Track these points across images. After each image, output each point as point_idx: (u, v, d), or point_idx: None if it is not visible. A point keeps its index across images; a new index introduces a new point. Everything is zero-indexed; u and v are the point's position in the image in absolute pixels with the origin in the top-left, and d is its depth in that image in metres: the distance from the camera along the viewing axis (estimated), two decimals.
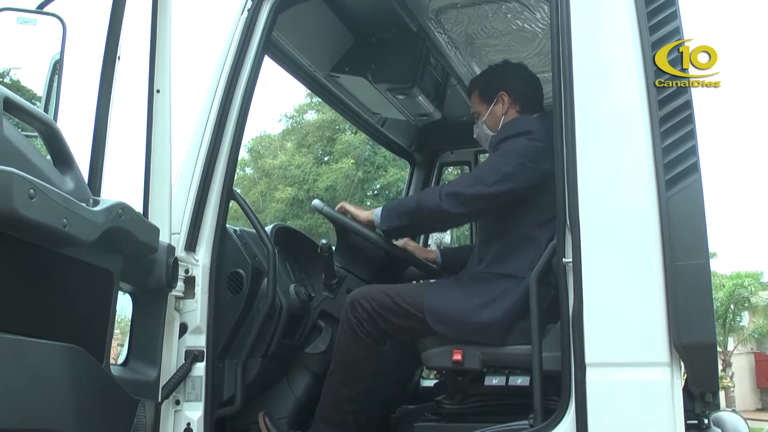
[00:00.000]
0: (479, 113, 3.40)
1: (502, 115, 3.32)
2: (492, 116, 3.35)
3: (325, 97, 4.23)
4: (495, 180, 2.98)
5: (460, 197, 3.01)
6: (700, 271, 2.38)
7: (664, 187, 2.41)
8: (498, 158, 3.08)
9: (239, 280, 2.99)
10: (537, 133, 3.04)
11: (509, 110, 3.32)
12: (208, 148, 2.83)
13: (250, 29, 2.90)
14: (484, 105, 3.38)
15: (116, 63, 2.47)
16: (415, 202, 3.19)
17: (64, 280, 2.04)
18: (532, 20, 3.67)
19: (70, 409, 2.01)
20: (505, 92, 3.32)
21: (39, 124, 1.99)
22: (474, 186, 3.02)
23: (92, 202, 2.08)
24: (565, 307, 2.51)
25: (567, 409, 2.44)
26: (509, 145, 3.07)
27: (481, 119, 3.38)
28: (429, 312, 2.95)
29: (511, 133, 3.11)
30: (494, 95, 3.33)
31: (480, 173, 3.09)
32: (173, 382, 2.65)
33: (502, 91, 3.32)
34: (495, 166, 3.05)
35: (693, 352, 2.37)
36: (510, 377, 2.89)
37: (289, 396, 3.34)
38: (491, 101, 3.35)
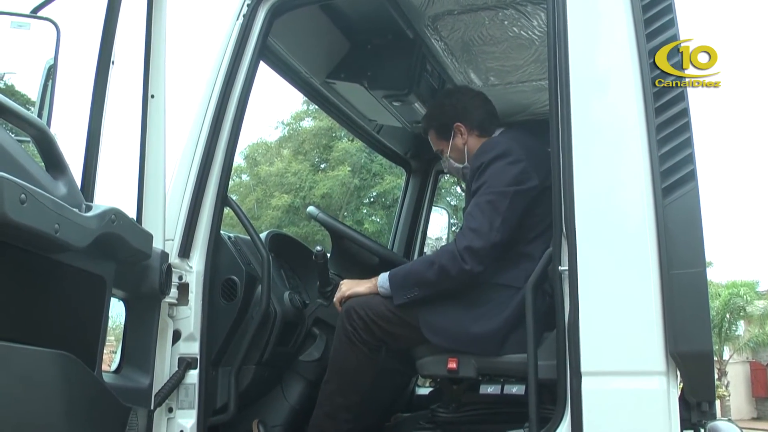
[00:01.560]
0: (442, 150, 3.41)
1: (464, 145, 3.32)
2: (455, 150, 3.35)
3: (321, 103, 4.22)
4: (500, 222, 2.91)
5: (480, 253, 2.89)
6: (696, 279, 2.37)
7: (661, 195, 2.40)
8: (489, 197, 2.97)
9: (233, 287, 2.97)
10: (514, 154, 3.00)
11: (469, 139, 3.31)
12: (203, 154, 2.82)
13: (245, 34, 2.89)
14: (444, 141, 3.38)
15: (110, 67, 2.45)
16: (435, 271, 2.95)
17: (55, 285, 2.02)
18: (529, 27, 3.66)
19: (60, 417, 2.00)
20: (460, 123, 3.31)
21: (31, 129, 1.97)
22: (485, 236, 2.90)
23: (85, 208, 2.07)
24: (560, 316, 2.49)
25: (562, 418, 2.42)
26: (491, 177, 2.99)
27: (446, 155, 3.39)
28: (424, 324, 2.93)
29: (486, 159, 3.04)
30: (450, 129, 3.33)
31: (483, 220, 2.94)
32: (166, 389, 2.63)
33: (456, 123, 3.32)
34: (495, 208, 2.94)
35: (689, 361, 2.35)
36: (505, 386, 2.88)
37: (284, 404, 3.33)
38: (449, 136, 3.35)
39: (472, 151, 3.25)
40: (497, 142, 3.15)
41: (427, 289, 2.98)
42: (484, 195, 2.98)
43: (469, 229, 2.93)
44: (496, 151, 3.05)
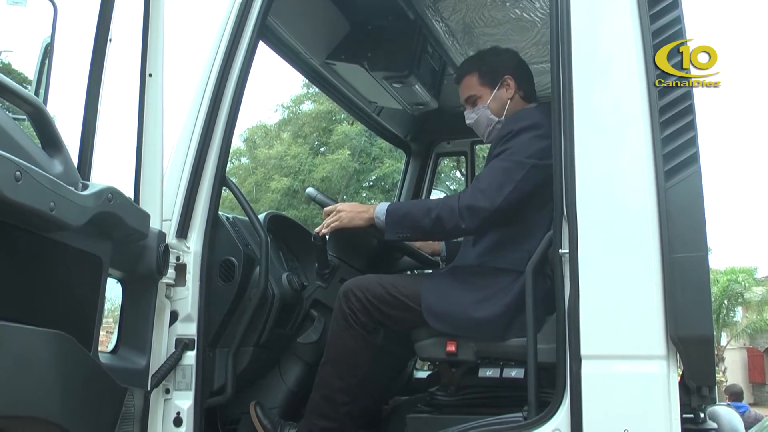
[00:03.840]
0: (479, 97, 3.23)
1: (507, 101, 3.20)
2: (497, 100, 3.20)
3: (320, 85, 4.18)
4: (509, 190, 2.88)
5: (480, 214, 2.89)
6: (698, 263, 2.36)
7: (663, 178, 2.38)
8: (506, 164, 2.94)
9: (231, 268, 2.95)
10: (544, 127, 2.90)
11: (515, 96, 3.21)
12: (201, 134, 2.79)
13: (244, 13, 2.85)
14: (487, 88, 3.22)
15: (107, 46, 2.42)
16: (431, 219, 2.95)
17: (51, 264, 2.00)
18: (530, 9, 3.64)
19: (55, 397, 1.98)
20: (511, 76, 3.21)
21: (26, 106, 1.94)
22: (491, 198, 2.88)
23: (81, 186, 2.05)
24: (560, 299, 2.48)
25: (562, 401, 2.42)
26: (515, 146, 2.96)
27: (484, 104, 3.22)
28: (427, 310, 2.91)
29: (518, 127, 2.99)
30: (499, 78, 3.20)
31: (493, 182, 2.92)
32: (163, 370, 2.62)
33: (507, 75, 3.21)
34: (507, 175, 2.91)
35: (690, 346, 2.35)
36: (504, 369, 2.86)
37: (281, 386, 3.32)
38: (495, 84, 3.20)
39: (512, 110, 3.18)
40: (532, 113, 3.09)
41: (419, 235, 3.04)
42: (503, 161, 2.96)
43: (476, 188, 2.92)
44: (527, 121, 3.01)
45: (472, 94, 3.26)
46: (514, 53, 3.39)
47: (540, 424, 2.45)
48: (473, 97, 3.26)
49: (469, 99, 3.28)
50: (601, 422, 2.35)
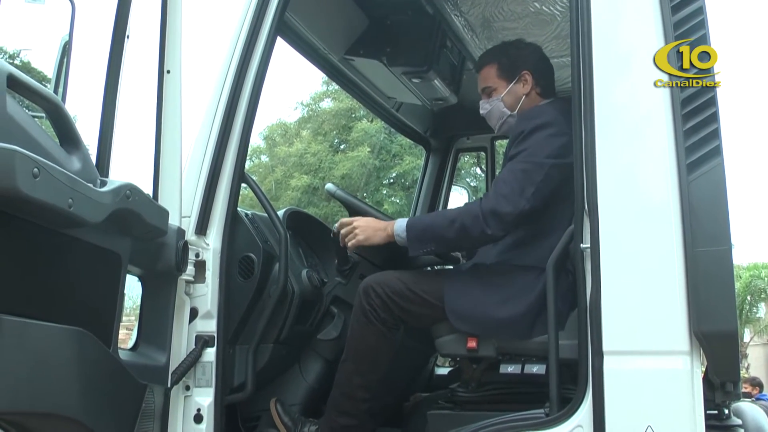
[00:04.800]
0: (495, 89, 3.23)
1: (522, 96, 3.19)
2: (512, 94, 3.20)
3: (339, 80, 4.18)
4: (532, 192, 2.85)
5: (505, 219, 2.85)
6: (721, 257, 2.32)
7: (686, 171, 2.35)
8: (525, 166, 2.91)
9: (250, 264, 2.94)
10: (557, 125, 2.92)
11: (531, 92, 3.19)
12: (220, 130, 2.78)
13: (262, 9, 2.84)
14: (503, 81, 3.22)
15: (125, 42, 2.43)
16: (456, 229, 2.91)
17: (69, 261, 2.00)
18: (550, 2, 3.61)
19: (75, 393, 1.99)
20: (529, 72, 3.20)
21: (44, 102, 1.95)
22: (515, 203, 2.85)
23: (99, 183, 2.05)
24: (582, 294, 2.46)
25: (584, 398, 2.39)
26: (531, 146, 2.93)
27: (498, 96, 3.22)
28: (450, 311, 2.89)
29: (531, 126, 2.97)
30: (517, 73, 3.19)
31: (515, 186, 2.88)
32: (183, 367, 2.62)
33: (526, 71, 3.20)
34: (529, 177, 2.88)
35: (713, 341, 2.31)
36: (525, 365, 2.85)
37: (301, 383, 3.32)
38: (512, 78, 3.20)
39: (526, 105, 3.17)
40: (544, 110, 3.07)
41: (443, 247, 3.02)
42: (521, 163, 2.92)
43: (498, 193, 2.88)
44: (540, 119, 2.98)
45: (488, 85, 3.26)
46: (536, 48, 3.36)
47: (562, 421, 2.43)
48: (489, 89, 3.26)
49: (485, 90, 3.28)
50: (624, 419, 2.33)
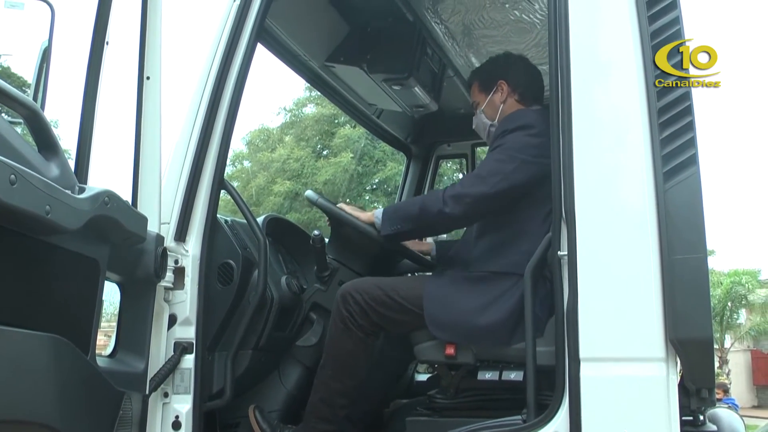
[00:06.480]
0: (478, 103, 3.37)
1: (500, 104, 3.29)
2: (490, 105, 3.31)
3: (320, 87, 4.18)
4: (497, 180, 2.94)
5: (464, 200, 2.96)
6: (697, 265, 2.34)
7: (662, 179, 2.37)
8: (499, 156, 3.02)
9: (230, 271, 2.94)
10: (537, 127, 2.99)
11: (508, 99, 3.28)
12: (199, 137, 2.77)
13: (243, 15, 2.85)
14: (483, 94, 3.35)
15: (104, 48, 2.42)
16: (418, 206, 3.10)
17: (47, 268, 1.99)
18: (530, 11, 3.64)
19: (52, 400, 1.97)
20: (504, 81, 3.29)
21: (23, 109, 1.94)
22: (477, 186, 2.97)
23: (78, 190, 2.04)
24: (559, 301, 2.47)
25: (560, 404, 2.40)
26: (509, 142, 3.03)
27: (480, 108, 3.35)
28: (431, 322, 2.92)
29: (510, 127, 3.07)
30: (493, 84, 3.30)
31: (482, 173, 3.02)
32: (161, 374, 2.61)
33: (501, 80, 3.29)
34: (497, 166, 2.99)
35: (689, 348, 2.33)
36: (503, 372, 2.86)
37: (280, 389, 3.31)
38: (490, 90, 3.31)
39: (506, 112, 3.26)
40: (527, 114, 3.17)
41: (409, 224, 3.09)
42: (495, 154, 3.05)
43: (464, 178, 3.08)
44: (522, 121, 3.08)
45: (474, 100, 3.42)
46: (515, 58, 3.45)
47: (539, 427, 2.44)
48: (475, 104, 3.40)
49: (473, 105, 3.43)
50: (600, 425, 2.34)
